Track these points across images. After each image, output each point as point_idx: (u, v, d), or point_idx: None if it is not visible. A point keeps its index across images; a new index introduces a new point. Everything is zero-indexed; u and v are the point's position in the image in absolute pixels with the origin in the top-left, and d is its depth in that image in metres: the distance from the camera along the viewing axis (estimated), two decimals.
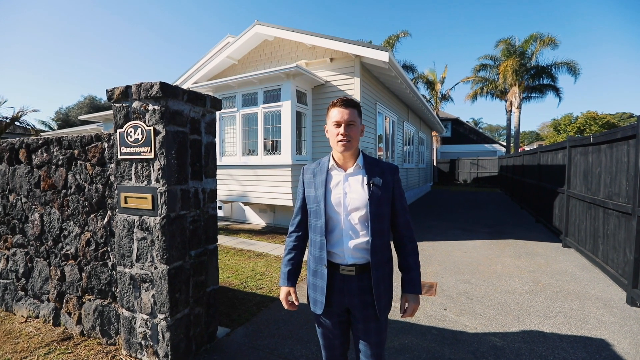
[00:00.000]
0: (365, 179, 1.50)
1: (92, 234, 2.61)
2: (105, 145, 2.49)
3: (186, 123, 2.33)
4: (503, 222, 8.21)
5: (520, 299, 3.62)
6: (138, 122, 2.22)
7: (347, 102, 1.49)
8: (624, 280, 3.69)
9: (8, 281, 3.15)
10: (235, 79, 6.58)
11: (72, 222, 2.71)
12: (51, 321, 2.89)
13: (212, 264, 2.64)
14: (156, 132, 2.17)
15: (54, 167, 2.78)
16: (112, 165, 2.46)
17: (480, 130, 30.23)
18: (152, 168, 2.21)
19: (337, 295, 1.53)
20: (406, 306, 1.56)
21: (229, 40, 9.42)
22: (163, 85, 2.10)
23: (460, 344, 2.73)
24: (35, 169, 2.89)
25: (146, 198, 2.21)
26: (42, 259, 2.91)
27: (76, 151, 2.65)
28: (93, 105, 31.55)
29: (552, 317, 3.21)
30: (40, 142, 2.82)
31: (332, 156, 1.59)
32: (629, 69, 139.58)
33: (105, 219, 2.53)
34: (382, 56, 5.77)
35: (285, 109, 6.37)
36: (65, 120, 30.11)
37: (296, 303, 1.65)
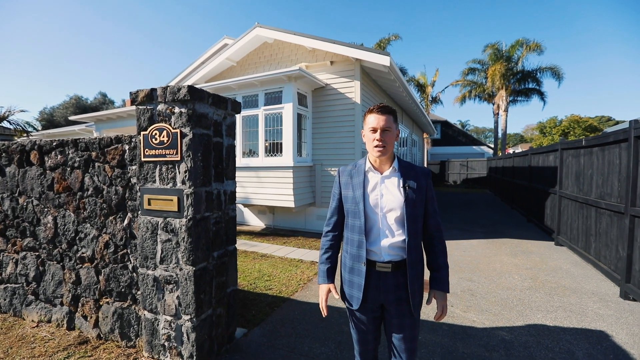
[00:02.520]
0: (401, 181, 1.59)
1: (110, 236, 2.60)
2: (126, 147, 2.50)
3: (210, 126, 2.37)
4: (496, 222, 8.47)
5: (521, 295, 3.78)
6: (163, 124, 2.24)
7: (384, 109, 1.57)
8: (617, 275, 3.90)
9: (17, 285, 3.09)
10: (235, 81, 6.59)
11: (88, 225, 2.70)
12: (65, 325, 2.86)
13: (231, 265, 2.67)
14: (183, 135, 2.20)
15: (69, 169, 2.76)
16: (134, 167, 2.47)
17: (468, 132, 30.91)
18: (177, 170, 2.24)
19: (373, 292, 1.60)
20: (434, 302, 1.64)
21: (226, 41, 9.42)
22: (191, 88, 2.14)
23: (471, 339, 2.85)
24: (48, 171, 2.86)
25: (172, 200, 2.24)
26: (55, 262, 2.88)
27: (94, 153, 2.64)
28: (79, 105, 30.73)
29: (553, 311, 3.37)
30: (54, 143, 2.80)
31: (368, 159, 1.67)
32: (608, 72, 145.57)
33: (125, 221, 2.54)
34: (384, 60, 5.90)
35: (287, 111, 6.43)
36: (49, 120, 29.22)
37: (337, 297, 1.71)
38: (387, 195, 1.58)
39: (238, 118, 6.99)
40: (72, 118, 10.25)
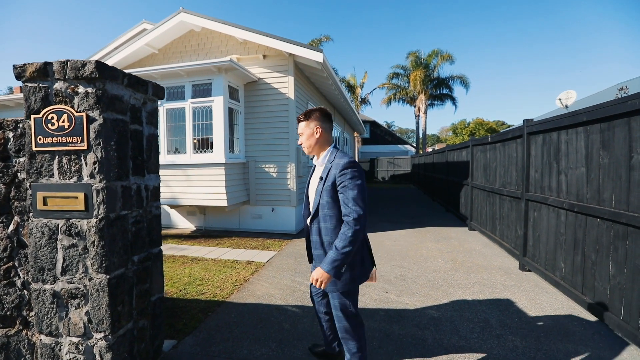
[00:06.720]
0: (321, 173, 1.89)
1: None
2: (10, 134, 2.01)
3: (126, 111, 2.04)
4: (420, 213, 9.28)
5: (445, 276, 4.17)
6: (63, 106, 1.85)
7: (299, 117, 1.95)
8: (517, 251, 4.58)
9: None
10: (158, 70, 5.94)
11: None
12: None
13: (156, 269, 2.36)
14: (90, 119, 1.84)
15: None
16: (22, 159, 2.00)
17: (393, 132, 33.49)
18: (83, 162, 1.87)
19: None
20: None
21: (145, 26, 8.47)
22: (99, 64, 1.81)
23: (405, 320, 3.02)
24: None
25: (76, 197, 1.86)
26: None
27: None
28: None
29: (471, 287, 3.79)
30: None
31: None
32: (500, 82, 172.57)
33: (11, 227, 2.04)
34: (317, 57, 5.94)
35: (217, 104, 6.03)
36: None
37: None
38: (312, 184, 2.00)
39: (161, 111, 6.32)
40: None
